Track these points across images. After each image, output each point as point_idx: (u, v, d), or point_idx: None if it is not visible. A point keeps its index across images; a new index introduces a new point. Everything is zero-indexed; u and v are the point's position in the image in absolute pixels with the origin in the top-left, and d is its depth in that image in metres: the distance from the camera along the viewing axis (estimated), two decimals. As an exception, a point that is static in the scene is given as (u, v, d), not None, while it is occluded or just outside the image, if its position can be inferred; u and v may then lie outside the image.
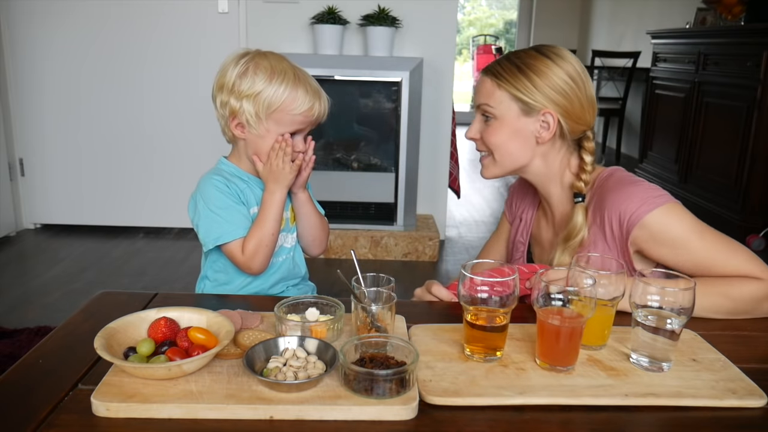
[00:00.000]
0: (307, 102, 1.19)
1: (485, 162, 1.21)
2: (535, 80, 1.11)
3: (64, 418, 0.76)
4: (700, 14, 4.40)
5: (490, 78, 1.14)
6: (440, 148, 3.40)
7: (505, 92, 1.12)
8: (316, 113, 1.21)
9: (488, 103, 1.14)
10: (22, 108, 3.34)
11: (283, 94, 1.17)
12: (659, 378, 0.86)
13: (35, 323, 2.29)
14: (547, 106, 1.12)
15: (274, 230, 1.21)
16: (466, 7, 11.72)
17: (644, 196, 1.09)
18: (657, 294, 0.87)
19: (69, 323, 1.02)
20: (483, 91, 1.15)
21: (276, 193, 1.22)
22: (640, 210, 1.08)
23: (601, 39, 7.30)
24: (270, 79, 1.17)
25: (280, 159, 1.20)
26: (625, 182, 1.13)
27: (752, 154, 3.41)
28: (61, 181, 3.43)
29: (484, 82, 1.15)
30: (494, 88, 1.13)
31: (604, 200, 1.13)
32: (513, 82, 1.11)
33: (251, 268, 1.21)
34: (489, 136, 1.16)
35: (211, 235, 1.20)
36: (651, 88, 4.62)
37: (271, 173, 1.21)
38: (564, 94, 1.12)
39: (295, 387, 0.79)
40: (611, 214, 1.11)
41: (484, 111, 1.16)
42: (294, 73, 1.20)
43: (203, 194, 1.22)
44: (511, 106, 1.13)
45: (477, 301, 0.89)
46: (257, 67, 1.18)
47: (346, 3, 3.14)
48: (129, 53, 3.28)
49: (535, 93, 1.11)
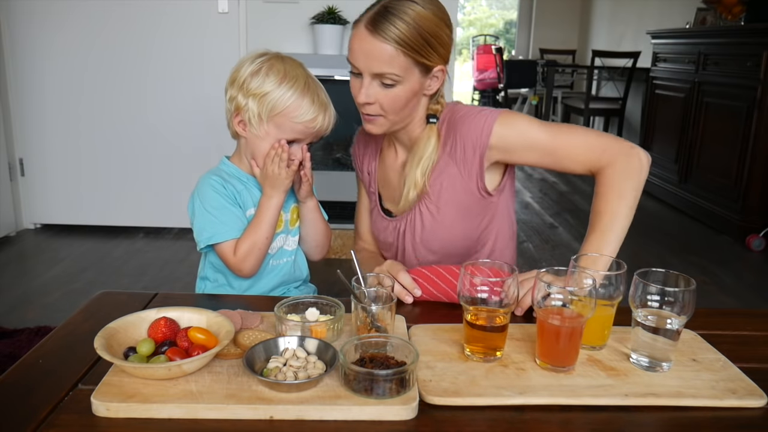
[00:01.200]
0: (311, 112, 1.19)
1: (379, 121, 1.17)
2: (433, 43, 1.12)
3: (64, 418, 0.76)
4: (700, 14, 4.40)
5: (391, 46, 1.09)
6: (440, 148, 3.39)
7: (410, 59, 1.11)
8: (318, 125, 1.21)
9: (393, 72, 1.10)
10: (22, 108, 3.34)
11: (289, 99, 1.17)
12: (659, 378, 0.86)
13: (35, 323, 2.29)
14: (441, 63, 1.16)
15: (269, 234, 1.21)
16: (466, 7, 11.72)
17: (485, 115, 1.18)
18: (657, 294, 0.87)
19: (69, 323, 1.02)
20: (383, 58, 1.10)
21: (273, 198, 1.21)
22: (485, 127, 1.17)
23: (601, 39, 7.30)
24: (280, 82, 1.17)
25: (276, 165, 1.19)
26: (469, 110, 1.21)
27: (752, 154, 3.41)
28: (61, 181, 3.43)
29: (383, 50, 1.09)
30: (398, 55, 1.10)
31: (455, 128, 1.20)
32: (417, 49, 1.11)
33: (242, 270, 1.21)
34: (390, 102, 1.14)
35: (204, 234, 1.20)
36: (651, 88, 4.62)
37: (267, 178, 1.21)
38: (449, 47, 1.17)
39: (295, 387, 0.79)
40: (464, 140, 1.19)
41: (385, 79, 1.11)
42: (305, 81, 1.20)
43: (200, 193, 1.22)
44: (414, 71, 1.13)
45: (477, 301, 0.89)
46: (271, 68, 1.18)
47: (346, 3, 3.14)
48: (129, 53, 3.28)
49: (434, 56, 1.14)
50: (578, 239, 3.59)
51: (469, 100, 9.50)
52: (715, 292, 2.86)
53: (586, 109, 5.82)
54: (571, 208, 4.26)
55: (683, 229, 3.84)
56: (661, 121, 4.49)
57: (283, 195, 1.22)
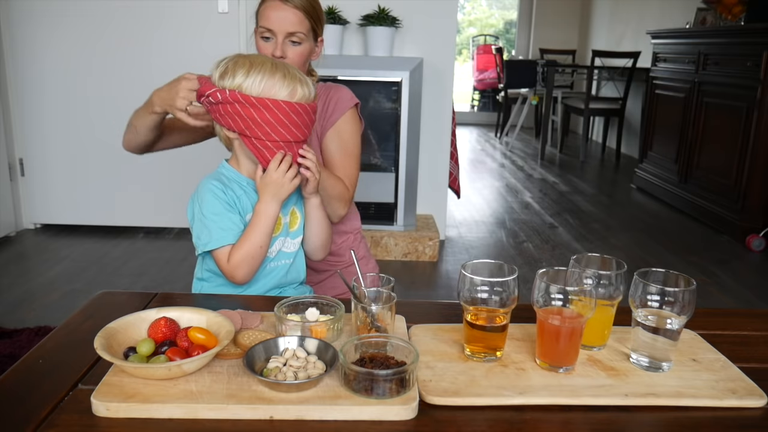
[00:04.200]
0: (286, 86, 1.16)
1: None
2: (321, 16, 1.45)
3: (64, 418, 0.76)
4: (700, 14, 4.40)
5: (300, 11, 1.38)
6: (440, 148, 3.40)
7: (310, 24, 1.41)
8: (298, 96, 1.18)
9: (301, 30, 1.39)
10: (22, 108, 3.34)
11: (261, 81, 1.16)
12: (659, 378, 0.86)
13: (35, 323, 2.29)
14: (321, 34, 1.47)
15: (264, 243, 1.19)
16: (466, 7, 11.72)
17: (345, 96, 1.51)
18: (657, 294, 0.87)
19: (69, 323, 1.02)
20: (294, 20, 1.38)
21: (271, 205, 1.19)
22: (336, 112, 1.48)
23: (601, 39, 7.30)
24: (248, 72, 1.16)
25: (282, 171, 1.17)
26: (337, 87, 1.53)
27: (752, 154, 3.41)
28: (61, 181, 3.43)
29: (294, 13, 1.38)
30: (303, 18, 1.39)
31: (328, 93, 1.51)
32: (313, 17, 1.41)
33: (234, 278, 1.19)
34: (297, 57, 1.41)
35: (201, 239, 1.20)
36: (651, 88, 4.62)
37: (270, 184, 1.18)
38: (324, 23, 1.49)
39: (295, 387, 0.79)
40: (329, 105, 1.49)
41: (294, 37, 1.39)
42: (272, 63, 1.19)
43: (200, 198, 1.21)
44: (310, 35, 1.43)
45: (477, 301, 0.89)
46: (236, 64, 1.18)
47: (346, 3, 3.14)
48: (129, 53, 3.28)
49: (320, 26, 1.45)
50: (578, 239, 3.60)
51: (469, 100, 9.52)
52: (715, 292, 2.86)
53: (586, 109, 5.82)
54: (571, 208, 4.26)
55: (683, 229, 3.84)
56: (661, 121, 4.49)
57: (280, 204, 1.20)
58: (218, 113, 1.19)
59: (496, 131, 7.64)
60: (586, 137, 6.06)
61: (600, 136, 6.67)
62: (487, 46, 8.68)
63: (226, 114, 1.17)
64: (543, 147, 6.01)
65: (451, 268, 3.10)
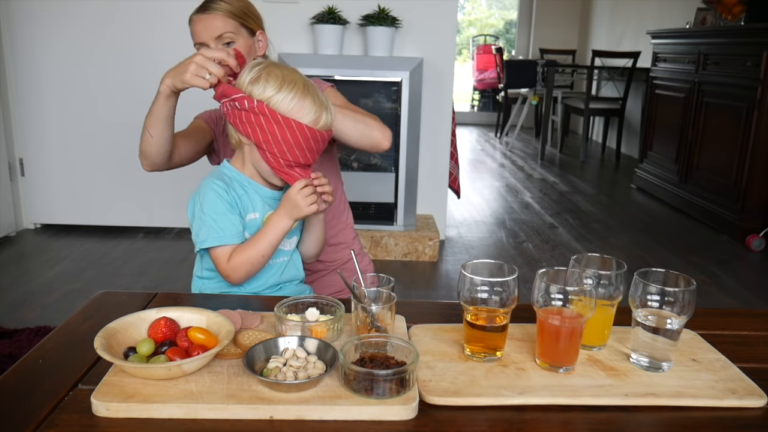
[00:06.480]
0: (313, 112, 1.19)
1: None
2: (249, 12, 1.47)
3: (64, 418, 0.76)
4: (700, 14, 4.40)
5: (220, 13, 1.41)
6: (440, 148, 3.40)
7: (237, 22, 1.43)
8: (321, 123, 1.21)
9: (228, 30, 1.42)
10: (22, 108, 3.34)
11: (291, 101, 1.18)
12: (659, 378, 0.86)
13: (35, 323, 2.29)
14: (259, 28, 1.50)
15: (267, 253, 1.21)
16: (466, 7, 11.72)
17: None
18: (657, 294, 0.87)
19: (69, 323, 1.02)
20: (217, 23, 1.41)
21: (284, 220, 1.21)
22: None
23: (601, 39, 7.30)
24: (280, 86, 1.18)
25: (303, 195, 1.19)
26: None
27: (752, 154, 3.41)
28: (61, 181, 3.43)
29: (216, 17, 1.41)
30: (227, 18, 1.42)
31: None
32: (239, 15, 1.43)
33: (230, 278, 1.21)
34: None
35: (200, 237, 1.21)
36: (651, 88, 4.62)
37: (289, 202, 1.20)
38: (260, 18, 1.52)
39: (295, 387, 0.79)
40: None
41: (224, 38, 1.42)
42: (304, 84, 1.21)
43: (202, 196, 1.22)
44: (242, 31, 1.45)
45: (477, 301, 0.89)
46: (269, 74, 1.19)
47: (346, 3, 3.14)
48: (129, 53, 3.28)
49: (252, 21, 1.47)
50: (578, 239, 3.60)
51: (469, 100, 9.52)
52: (715, 292, 2.86)
53: (586, 109, 5.82)
54: (571, 208, 4.26)
55: (683, 229, 3.84)
56: (661, 121, 4.49)
57: (294, 222, 1.22)
58: (239, 119, 1.19)
59: (496, 131, 7.65)
60: (586, 137, 6.06)
61: (600, 136, 6.67)
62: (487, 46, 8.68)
63: (247, 122, 1.18)
64: (543, 147, 6.01)
65: (451, 268, 3.10)
